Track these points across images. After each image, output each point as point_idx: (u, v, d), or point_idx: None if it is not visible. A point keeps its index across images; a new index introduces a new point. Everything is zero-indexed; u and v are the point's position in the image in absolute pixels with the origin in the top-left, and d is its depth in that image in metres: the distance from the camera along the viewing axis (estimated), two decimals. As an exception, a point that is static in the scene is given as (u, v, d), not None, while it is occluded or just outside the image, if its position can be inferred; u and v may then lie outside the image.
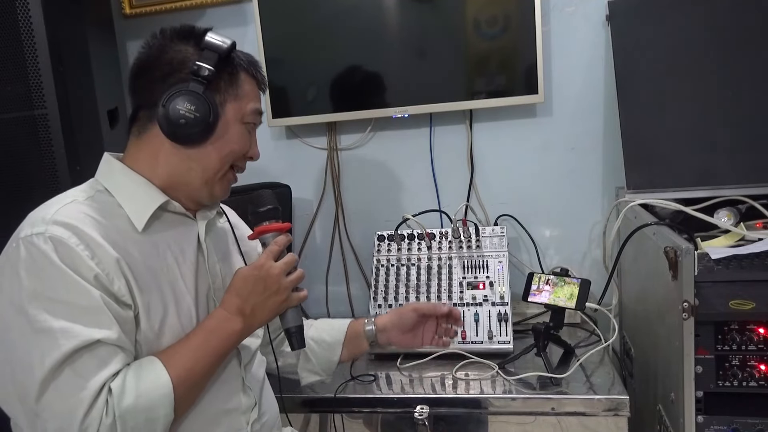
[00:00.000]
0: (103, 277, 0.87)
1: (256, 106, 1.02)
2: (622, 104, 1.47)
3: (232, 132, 0.99)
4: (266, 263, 0.97)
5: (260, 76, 1.04)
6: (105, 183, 0.99)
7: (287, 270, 0.99)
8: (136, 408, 0.84)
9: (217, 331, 0.95)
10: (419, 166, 1.84)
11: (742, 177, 1.31)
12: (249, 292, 0.97)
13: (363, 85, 1.77)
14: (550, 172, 1.77)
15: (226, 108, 0.98)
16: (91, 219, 0.91)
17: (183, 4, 1.84)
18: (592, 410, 1.25)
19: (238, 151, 1.01)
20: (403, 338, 1.33)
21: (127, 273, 0.91)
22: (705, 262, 1.08)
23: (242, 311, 0.96)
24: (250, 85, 1.02)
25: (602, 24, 1.68)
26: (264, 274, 0.97)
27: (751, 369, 1.10)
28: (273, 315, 1.00)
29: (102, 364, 0.84)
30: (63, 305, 0.84)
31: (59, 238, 0.85)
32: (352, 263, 1.94)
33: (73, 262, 0.85)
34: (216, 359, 0.95)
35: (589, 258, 1.79)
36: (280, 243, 1.00)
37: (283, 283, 0.98)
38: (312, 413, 1.41)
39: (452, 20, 1.68)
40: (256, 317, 0.98)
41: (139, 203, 0.97)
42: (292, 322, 1.03)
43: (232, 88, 0.99)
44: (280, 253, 1.00)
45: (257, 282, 0.97)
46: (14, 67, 1.47)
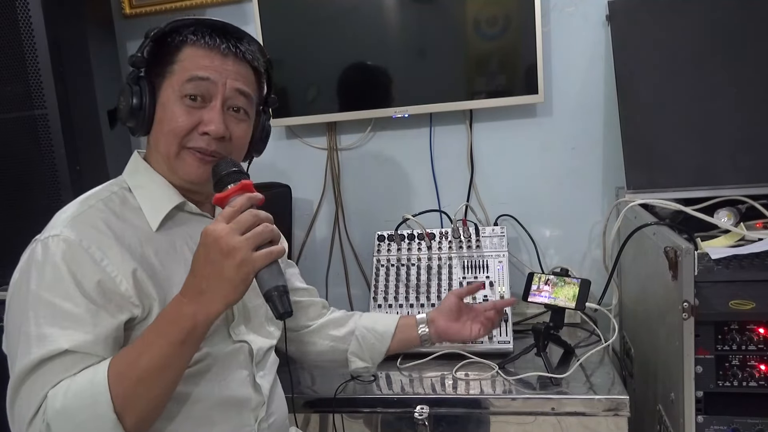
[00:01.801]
0: (109, 281, 0.87)
1: (193, 73, 0.94)
2: (622, 104, 1.47)
3: (168, 111, 0.95)
4: (210, 227, 0.83)
5: (210, 41, 0.96)
6: (129, 181, 1.00)
7: (240, 228, 0.83)
8: (66, 411, 0.80)
9: (164, 317, 0.86)
10: (419, 166, 1.84)
11: (742, 177, 1.31)
12: (201, 266, 0.83)
13: (363, 85, 1.77)
14: (550, 172, 1.77)
15: (163, 88, 0.96)
16: (108, 220, 0.92)
17: (183, 4, 1.84)
18: (592, 410, 1.25)
19: (179, 129, 0.94)
20: (451, 326, 1.27)
21: (141, 276, 0.90)
22: (705, 262, 1.08)
23: (197, 289, 0.83)
24: (194, 56, 0.95)
25: (602, 24, 1.68)
26: (210, 240, 0.82)
27: (751, 369, 1.10)
28: (236, 285, 0.83)
29: (62, 371, 0.83)
30: (50, 308, 0.84)
31: (71, 240, 0.87)
32: (352, 263, 1.94)
33: (78, 265, 0.86)
34: (166, 348, 0.83)
35: (589, 258, 1.79)
36: (236, 204, 0.86)
37: (233, 243, 0.81)
38: (312, 413, 1.41)
39: (452, 20, 1.68)
40: (215, 293, 0.83)
41: (155, 203, 0.98)
42: (269, 284, 0.84)
43: (169, 66, 0.96)
44: (236, 214, 0.84)
45: (206, 250, 0.83)
46: (14, 67, 1.48)
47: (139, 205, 0.97)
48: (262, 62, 1.05)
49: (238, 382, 1.02)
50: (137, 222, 0.96)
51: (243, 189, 0.89)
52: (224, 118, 0.96)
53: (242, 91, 0.99)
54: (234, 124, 0.99)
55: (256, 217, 0.85)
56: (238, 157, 1.03)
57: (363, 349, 1.27)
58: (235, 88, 0.97)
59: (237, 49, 0.98)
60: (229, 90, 0.97)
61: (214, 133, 0.95)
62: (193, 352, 0.88)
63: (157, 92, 0.96)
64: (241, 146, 1.03)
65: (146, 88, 0.95)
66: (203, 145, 0.95)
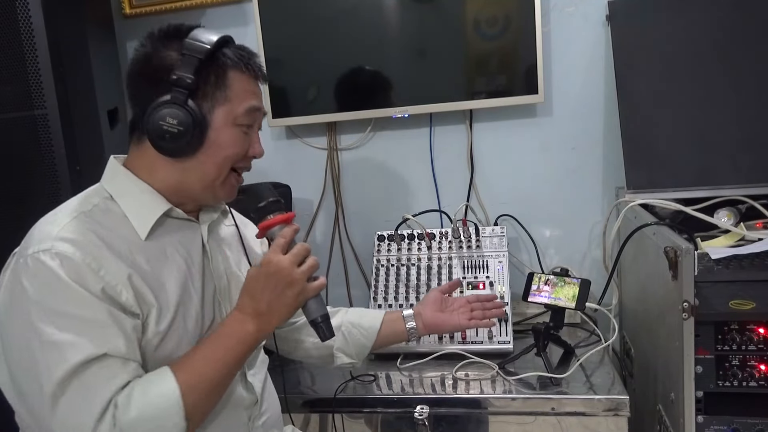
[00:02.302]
0: (110, 289, 0.87)
1: (251, 104, 0.97)
2: (622, 104, 1.47)
3: (224, 137, 0.95)
4: (274, 257, 0.94)
5: (255, 68, 0.99)
6: (110, 189, 0.97)
7: (298, 261, 0.95)
8: (140, 420, 0.82)
9: (230, 334, 0.93)
10: (419, 166, 1.84)
11: (742, 177, 1.31)
12: (262, 290, 0.93)
13: (363, 85, 1.77)
14: (550, 172, 1.77)
15: (216, 113, 0.94)
16: (96, 231, 0.90)
17: (183, 4, 1.84)
18: (592, 410, 1.25)
19: (235, 155, 0.98)
20: (438, 316, 1.32)
21: (137, 283, 0.90)
22: (705, 262, 1.08)
23: (257, 311, 0.93)
24: (242, 83, 0.97)
25: (602, 24, 1.68)
26: (273, 269, 0.93)
27: (751, 369, 1.10)
28: (292, 309, 0.96)
29: (110, 377, 0.84)
30: (70, 319, 0.83)
31: (65, 254, 0.85)
32: (352, 263, 1.94)
33: (80, 277, 0.85)
34: (233, 362, 0.93)
35: (589, 258, 1.79)
36: (286, 235, 0.96)
37: (295, 275, 0.93)
38: (312, 413, 1.41)
39: (452, 20, 1.68)
40: (274, 315, 0.94)
41: (142, 212, 0.96)
42: (316, 313, 0.98)
43: (220, 91, 0.95)
44: (287, 245, 0.96)
45: (268, 278, 0.93)
46: (14, 67, 1.47)
47: (124, 214, 0.95)
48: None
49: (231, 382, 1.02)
50: (124, 231, 0.94)
51: (286, 220, 0.99)
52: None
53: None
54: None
55: (307, 251, 0.97)
56: None
57: (349, 345, 1.27)
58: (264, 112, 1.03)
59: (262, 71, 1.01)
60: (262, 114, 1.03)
61: (260, 155, 1.02)
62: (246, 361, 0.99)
63: (208, 116, 0.94)
64: None
65: (199, 113, 0.92)
66: (248, 165, 1.02)
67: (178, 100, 0.91)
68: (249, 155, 1.01)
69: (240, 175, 1.02)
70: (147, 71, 0.94)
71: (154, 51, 0.94)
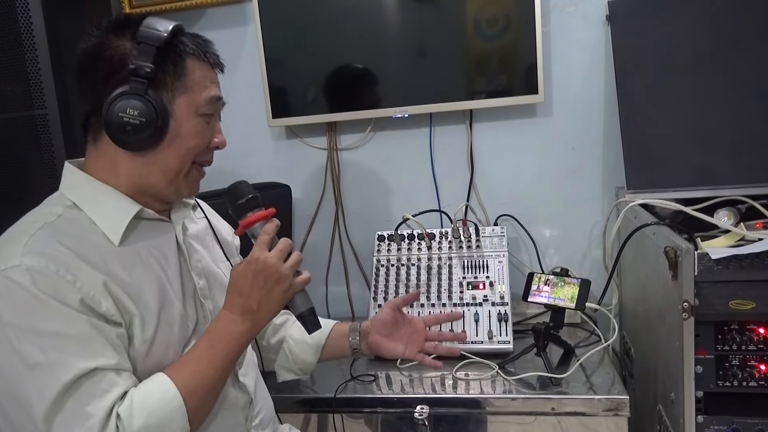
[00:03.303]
0: (89, 300, 0.83)
1: (211, 93, 0.94)
2: (622, 104, 1.47)
3: (187, 128, 0.92)
4: (260, 255, 0.94)
5: (211, 56, 0.96)
6: (72, 197, 0.93)
7: (283, 256, 0.95)
8: (146, 429, 0.82)
9: (223, 334, 0.93)
10: (419, 166, 1.84)
11: (742, 177, 1.31)
12: (250, 288, 0.93)
13: (363, 85, 1.77)
14: (550, 172, 1.77)
15: (177, 103, 0.91)
16: (65, 242, 0.86)
17: (183, 4, 1.84)
18: (592, 410, 1.25)
19: (198, 146, 0.95)
20: (383, 342, 1.30)
21: (115, 291, 0.87)
22: (705, 262, 1.08)
23: (247, 309, 0.93)
24: (202, 71, 0.93)
25: (602, 24, 1.68)
26: (261, 266, 0.93)
27: (751, 369, 1.10)
28: (281, 305, 0.96)
29: (105, 390, 0.81)
30: (52, 337, 0.80)
31: (36, 269, 0.81)
32: (352, 263, 1.94)
33: (56, 291, 0.81)
34: (227, 362, 0.93)
35: (589, 258, 1.79)
36: (269, 231, 0.96)
37: (282, 271, 0.94)
38: (312, 413, 1.41)
39: (452, 20, 1.68)
40: (264, 312, 0.95)
41: (111, 216, 0.92)
42: (303, 307, 0.99)
43: (180, 80, 0.91)
44: (271, 241, 0.96)
45: (256, 276, 0.93)
46: (14, 67, 1.47)
47: (92, 222, 0.91)
48: None
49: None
50: (95, 239, 0.90)
51: (267, 216, 0.99)
52: None
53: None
54: None
55: (291, 245, 0.97)
56: None
57: (290, 362, 1.28)
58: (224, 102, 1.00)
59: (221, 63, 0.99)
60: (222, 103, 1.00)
61: (223, 145, 0.99)
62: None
63: (168, 106, 0.90)
64: None
65: (160, 103, 0.89)
66: (210, 159, 1.00)
67: (138, 91, 0.87)
68: (211, 146, 0.98)
69: (202, 169, 1.00)
70: (99, 63, 0.89)
71: (104, 41, 0.90)
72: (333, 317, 1.91)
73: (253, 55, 1.78)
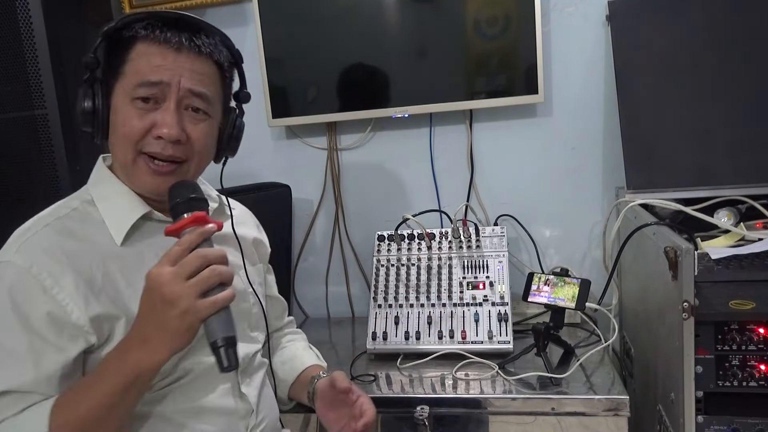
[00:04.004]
0: (58, 310, 0.83)
1: (142, 78, 0.88)
2: (622, 104, 1.47)
3: (120, 115, 0.90)
4: (154, 271, 0.79)
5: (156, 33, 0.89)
6: (93, 192, 0.95)
7: (185, 273, 0.78)
8: None
9: (113, 364, 0.81)
10: (419, 166, 1.84)
11: (742, 177, 1.31)
12: (146, 312, 0.80)
13: (363, 85, 1.77)
14: (550, 172, 1.77)
15: (115, 91, 0.91)
16: (63, 243, 0.86)
17: (183, 4, 1.84)
18: (592, 410, 1.25)
19: (131, 134, 0.88)
20: (326, 414, 1.14)
21: (98, 297, 0.86)
22: (705, 262, 1.08)
23: (143, 336, 0.79)
24: (145, 56, 0.89)
25: (602, 24, 1.68)
26: (153, 284, 0.78)
27: (751, 369, 1.10)
28: (182, 333, 0.78)
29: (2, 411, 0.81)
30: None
31: (19, 267, 0.83)
32: (352, 263, 1.94)
33: (24, 296, 0.82)
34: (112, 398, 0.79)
35: (589, 258, 1.79)
36: (183, 242, 0.80)
37: (176, 291, 0.77)
38: (312, 413, 1.40)
39: (452, 20, 1.68)
40: (161, 340, 0.79)
41: (119, 216, 0.92)
42: (216, 334, 0.79)
43: (121, 66, 0.90)
44: (182, 254, 0.80)
45: (149, 296, 0.79)
46: (14, 67, 1.48)
47: (102, 219, 0.92)
48: (225, 55, 0.97)
49: (220, 394, 0.99)
50: (99, 238, 0.90)
51: (195, 221, 0.82)
52: (179, 119, 0.90)
53: (197, 92, 0.92)
54: (191, 125, 0.92)
55: (203, 259, 0.79)
56: (202, 160, 0.97)
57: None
58: (188, 88, 0.90)
59: (192, 42, 0.91)
60: (183, 90, 0.90)
61: (167, 136, 0.88)
62: (139, 396, 0.84)
63: (111, 96, 0.91)
64: (203, 148, 0.95)
65: (99, 91, 0.90)
66: (158, 150, 0.89)
67: (83, 81, 0.90)
68: (153, 134, 0.89)
69: (154, 161, 0.91)
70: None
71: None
72: (333, 317, 1.94)
73: (253, 55, 1.78)
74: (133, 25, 0.90)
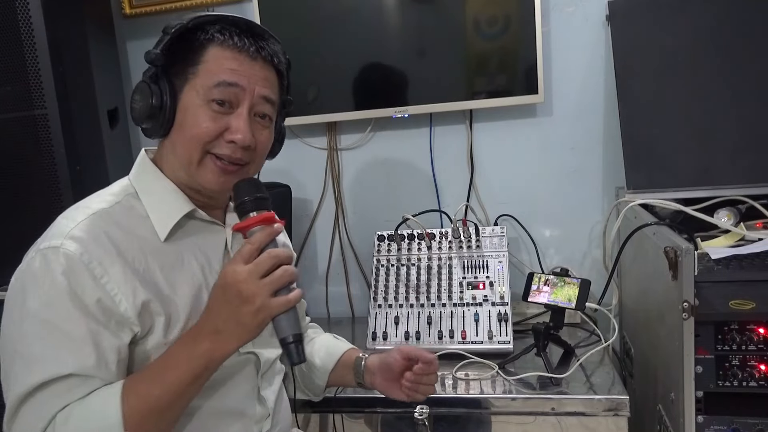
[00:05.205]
0: (108, 299, 0.84)
1: (220, 78, 0.89)
2: (622, 104, 1.47)
3: (191, 116, 0.90)
4: (230, 268, 0.83)
5: (239, 43, 0.91)
6: (136, 185, 0.95)
7: (259, 272, 0.82)
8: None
9: (182, 354, 0.84)
10: (419, 166, 1.84)
11: (742, 177, 1.31)
12: (219, 305, 0.84)
13: (363, 85, 1.77)
14: (550, 172, 1.77)
15: (185, 91, 0.91)
16: (110, 233, 0.87)
17: (183, 4, 1.84)
18: (592, 410, 1.25)
19: (200, 135, 0.90)
20: (387, 385, 1.17)
21: (144, 291, 0.87)
22: (705, 262, 1.08)
23: (214, 329, 0.84)
24: (220, 58, 0.90)
25: (602, 24, 1.68)
26: (229, 281, 0.82)
27: (751, 369, 1.10)
28: (252, 328, 0.84)
29: (67, 394, 0.82)
30: (50, 330, 0.81)
31: (71, 254, 0.82)
32: (352, 263, 1.94)
33: (77, 283, 0.82)
34: (181, 385, 0.83)
35: (589, 258, 1.79)
36: (254, 241, 0.85)
37: (252, 289, 0.81)
38: (312, 413, 1.41)
39: (452, 20, 1.68)
40: (231, 334, 0.83)
41: (164, 211, 0.92)
42: (286, 332, 0.84)
43: (193, 66, 0.90)
44: (256, 252, 0.84)
45: (224, 291, 0.83)
46: (14, 67, 1.48)
47: (146, 213, 0.92)
48: (284, 63, 1.00)
49: (242, 395, 1.00)
50: (143, 232, 0.90)
51: (264, 221, 0.87)
52: (251, 125, 0.93)
53: (269, 98, 0.95)
54: (259, 131, 0.95)
55: (276, 259, 0.83)
56: (259, 163, 0.99)
57: (302, 385, 1.26)
58: (262, 95, 0.93)
59: (264, 51, 0.94)
60: (257, 97, 0.93)
61: (241, 142, 0.91)
62: (204, 383, 0.87)
63: (179, 94, 0.91)
64: (264, 153, 0.99)
65: (167, 88, 0.89)
66: (228, 153, 0.92)
67: (147, 78, 0.90)
68: (226, 138, 0.91)
69: (221, 161, 0.92)
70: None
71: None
72: (333, 317, 1.94)
73: (253, 55, 1.78)
74: (206, 27, 0.91)
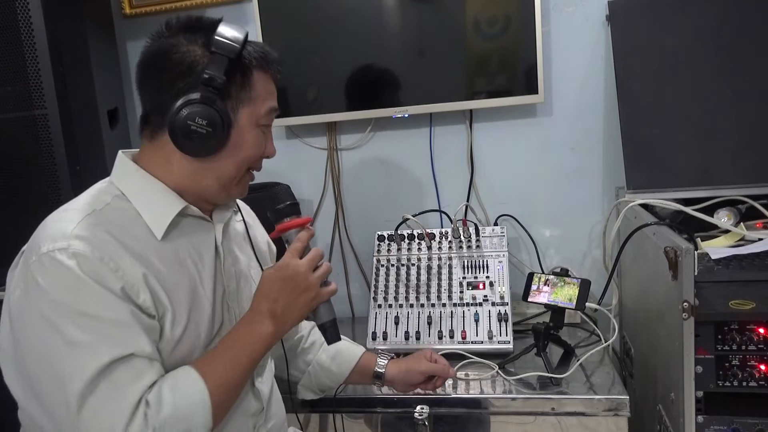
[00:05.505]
0: (129, 289, 0.85)
1: (271, 104, 0.99)
2: (622, 104, 1.47)
3: (246, 138, 0.95)
4: (291, 261, 0.95)
5: (274, 68, 0.99)
6: (121, 187, 0.95)
7: (313, 266, 0.97)
8: (174, 418, 0.82)
9: (249, 336, 0.94)
10: (419, 166, 1.84)
11: (742, 177, 1.31)
12: (278, 293, 0.94)
13: (363, 85, 1.77)
14: (550, 172, 1.77)
15: (240, 114, 0.94)
16: (110, 230, 0.88)
17: (183, 4, 1.84)
18: (592, 410, 1.25)
19: (254, 156, 0.98)
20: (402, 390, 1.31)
21: (153, 284, 0.88)
22: (705, 262, 1.08)
23: (273, 313, 0.94)
24: (264, 83, 0.97)
25: (602, 24, 1.68)
26: (291, 273, 0.95)
27: (751, 369, 1.10)
28: (304, 313, 0.98)
29: (137, 376, 0.83)
30: (92, 319, 0.82)
31: (82, 254, 0.83)
32: (352, 263, 1.94)
33: (100, 276, 0.83)
34: (249, 363, 0.93)
35: (589, 258, 1.79)
36: (303, 239, 0.98)
37: (310, 280, 0.96)
38: (312, 413, 1.41)
39: (452, 20, 1.68)
40: (288, 317, 0.96)
41: (157, 210, 0.94)
42: (326, 317, 1.01)
43: (245, 91, 0.94)
44: (303, 249, 0.98)
45: (285, 282, 0.95)
46: (14, 67, 1.48)
47: (137, 213, 0.92)
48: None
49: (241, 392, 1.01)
50: (138, 232, 0.91)
51: (301, 224, 1.01)
52: None
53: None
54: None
55: (322, 256, 0.99)
56: None
57: (313, 384, 1.29)
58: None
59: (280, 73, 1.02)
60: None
61: (274, 155, 1.04)
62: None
63: (234, 116, 0.93)
64: None
65: (226, 114, 0.91)
66: (260, 165, 1.03)
67: (209, 101, 0.89)
68: (264, 155, 1.02)
69: (252, 173, 1.03)
70: (167, 65, 0.91)
71: (174, 44, 0.92)
72: (333, 317, 1.93)
73: (253, 55, 1.78)
74: (247, 49, 0.94)
